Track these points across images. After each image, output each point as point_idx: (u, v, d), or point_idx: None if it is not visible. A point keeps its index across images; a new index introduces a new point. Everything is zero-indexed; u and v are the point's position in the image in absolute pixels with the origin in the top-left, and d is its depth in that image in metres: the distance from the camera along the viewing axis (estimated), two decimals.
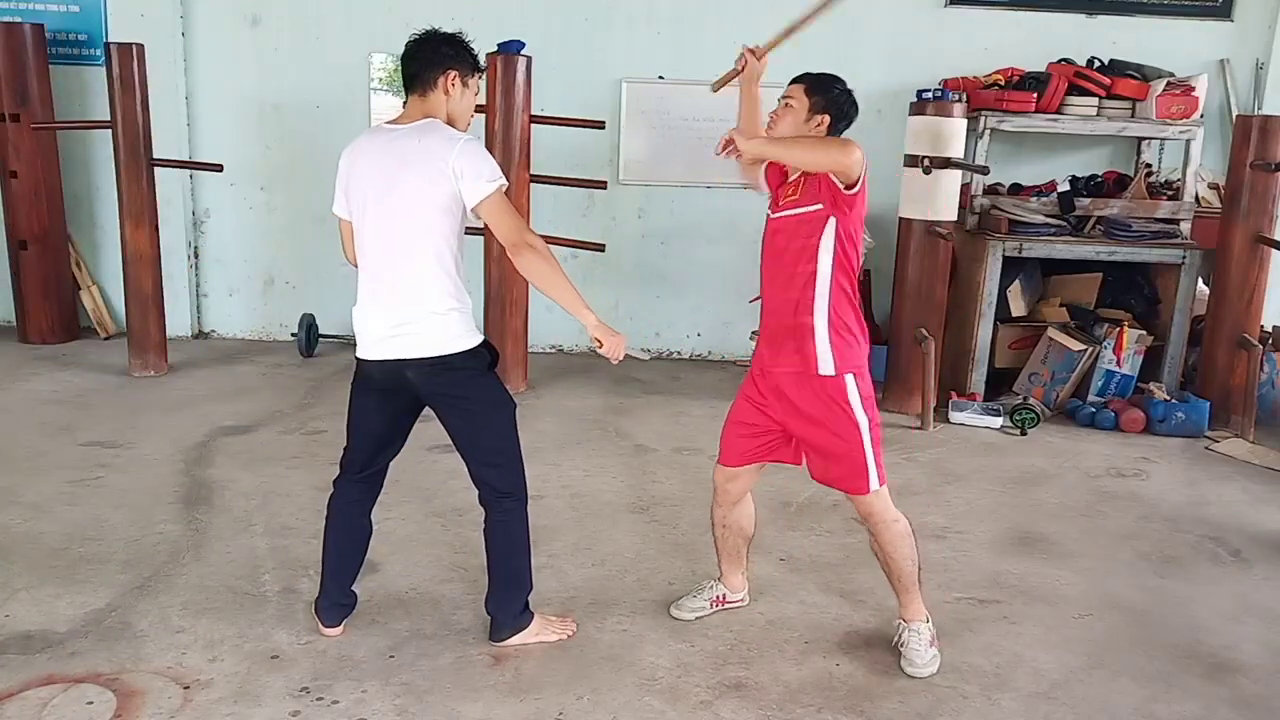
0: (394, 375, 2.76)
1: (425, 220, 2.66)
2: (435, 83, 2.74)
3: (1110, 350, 5.63)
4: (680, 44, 6.34)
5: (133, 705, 2.61)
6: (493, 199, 2.65)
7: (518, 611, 2.97)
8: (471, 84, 2.82)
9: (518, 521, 2.91)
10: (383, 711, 2.63)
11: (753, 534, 3.23)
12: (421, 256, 2.68)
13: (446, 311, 2.71)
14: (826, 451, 2.86)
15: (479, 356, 2.78)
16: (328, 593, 2.99)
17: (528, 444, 4.76)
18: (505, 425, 2.85)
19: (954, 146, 5.27)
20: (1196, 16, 6.37)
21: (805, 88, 2.87)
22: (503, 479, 2.86)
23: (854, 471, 2.84)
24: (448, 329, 2.72)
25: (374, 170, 2.70)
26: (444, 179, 2.62)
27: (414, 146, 2.65)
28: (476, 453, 2.85)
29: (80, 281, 6.64)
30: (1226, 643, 3.18)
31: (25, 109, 6.09)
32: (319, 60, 6.34)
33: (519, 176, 5.44)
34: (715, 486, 3.13)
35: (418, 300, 2.70)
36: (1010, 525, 4.06)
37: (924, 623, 2.96)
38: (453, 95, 2.76)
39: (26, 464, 4.29)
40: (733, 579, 3.23)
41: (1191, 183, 5.80)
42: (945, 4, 6.33)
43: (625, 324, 6.76)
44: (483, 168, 2.64)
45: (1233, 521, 4.21)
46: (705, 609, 3.20)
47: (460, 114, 2.80)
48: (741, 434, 3.02)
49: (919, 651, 2.91)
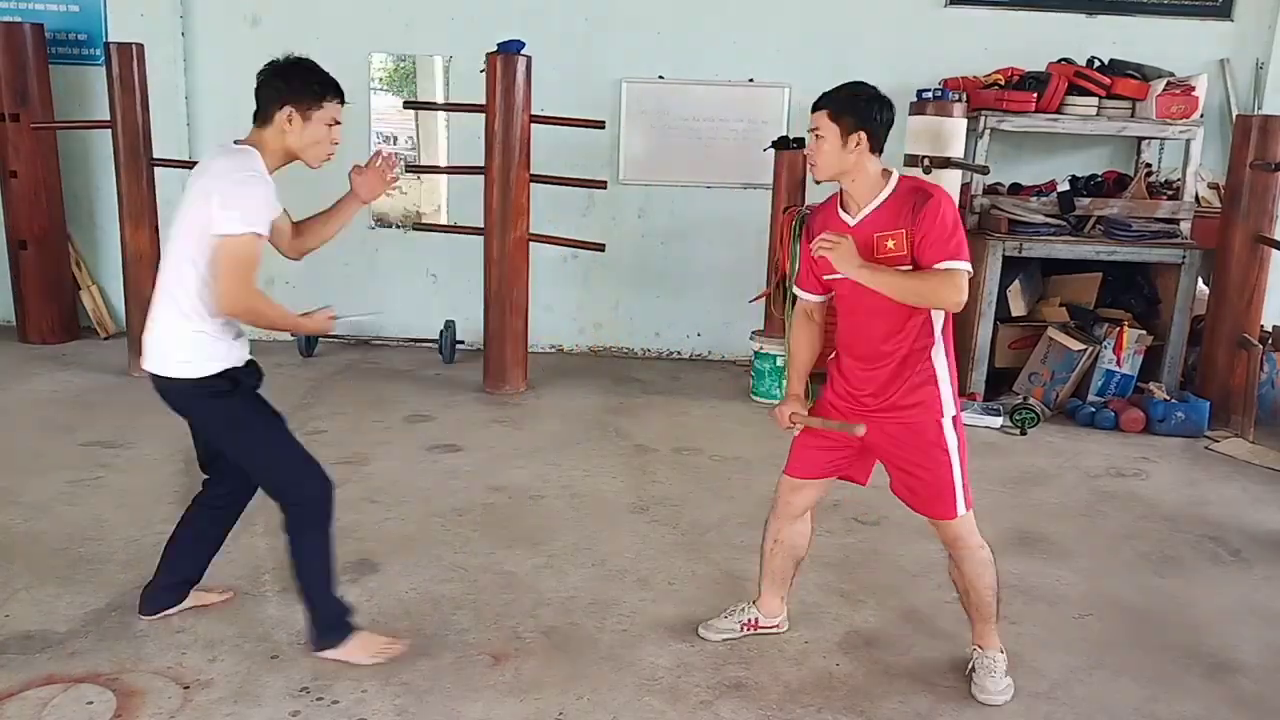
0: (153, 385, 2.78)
1: (183, 240, 2.62)
2: (271, 118, 2.65)
3: (1110, 350, 5.63)
4: (680, 44, 6.34)
5: (133, 705, 2.61)
6: (229, 243, 2.52)
7: (326, 624, 2.83)
8: (318, 116, 2.67)
9: (301, 529, 2.79)
10: (383, 711, 2.63)
11: (804, 558, 3.07)
12: (175, 275, 2.64)
13: (177, 332, 2.67)
14: (915, 478, 2.73)
15: (206, 386, 2.71)
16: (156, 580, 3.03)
17: (528, 444, 4.81)
18: (253, 443, 2.80)
19: (954, 146, 5.27)
20: (1196, 16, 6.37)
21: (829, 113, 2.62)
22: (276, 489, 2.80)
23: (941, 498, 2.71)
24: (176, 351, 2.68)
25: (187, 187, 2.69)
26: (202, 198, 2.55)
27: (205, 165, 2.64)
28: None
29: (80, 281, 6.64)
30: (1226, 643, 3.18)
31: (25, 109, 6.09)
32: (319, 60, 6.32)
33: (519, 176, 5.44)
34: (777, 497, 2.97)
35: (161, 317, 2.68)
36: (1010, 525, 4.06)
37: (999, 652, 2.84)
38: (291, 130, 2.65)
39: (26, 464, 4.29)
40: (771, 601, 3.07)
41: (1191, 182, 5.80)
42: (945, 4, 6.33)
43: (625, 324, 6.79)
44: (236, 207, 2.52)
45: (1233, 521, 4.21)
46: (735, 632, 3.06)
47: (304, 148, 2.69)
48: (815, 445, 2.84)
49: (995, 679, 2.80)
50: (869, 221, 2.63)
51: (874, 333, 2.67)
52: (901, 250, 2.57)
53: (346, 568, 3.42)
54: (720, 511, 4.07)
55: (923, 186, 2.63)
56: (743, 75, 6.35)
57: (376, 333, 6.73)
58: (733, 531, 3.87)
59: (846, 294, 2.70)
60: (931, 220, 2.53)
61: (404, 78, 6.66)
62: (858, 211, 2.66)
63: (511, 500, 4.10)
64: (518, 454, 4.66)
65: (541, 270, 6.13)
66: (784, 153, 5.85)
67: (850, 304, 2.72)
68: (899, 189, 2.62)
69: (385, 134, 6.62)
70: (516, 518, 3.93)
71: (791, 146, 5.82)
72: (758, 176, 6.30)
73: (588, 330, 6.82)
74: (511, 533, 3.77)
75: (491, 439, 4.87)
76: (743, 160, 6.39)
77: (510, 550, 3.62)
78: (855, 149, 2.60)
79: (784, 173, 5.82)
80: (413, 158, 6.75)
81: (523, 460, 4.58)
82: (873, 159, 2.63)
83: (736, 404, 5.70)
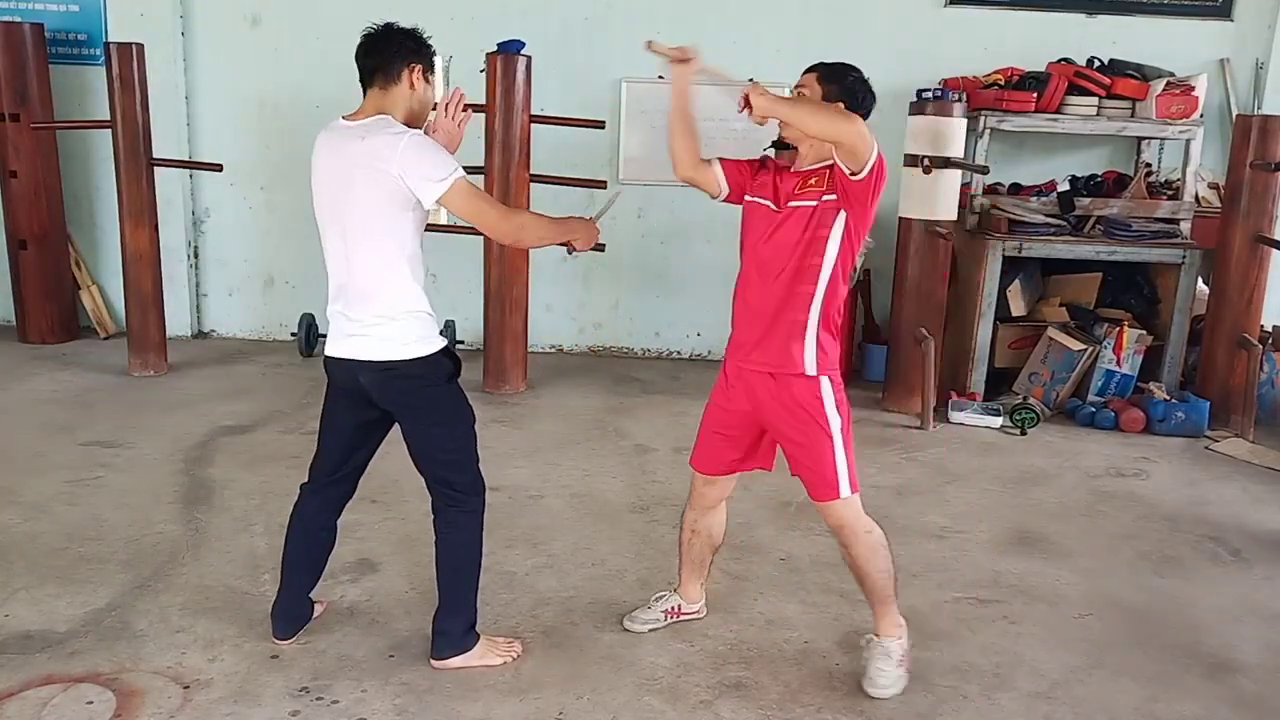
0: (350, 376, 2.70)
1: (374, 224, 2.59)
2: (399, 76, 2.65)
3: (1110, 350, 5.63)
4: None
5: (133, 705, 2.62)
6: (452, 195, 2.56)
7: (464, 630, 2.85)
8: (432, 80, 2.73)
9: (472, 527, 2.81)
10: (383, 711, 2.63)
11: (720, 544, 3.14)
12: (372, 259, 2.62)
13: (399, 316, 2.64)
14: (797, 448, 2.75)
15: (435, 364, 2.69)
16: (281, 603, 2.93)
17: (528, 444, 4.81)
18: (460, 439, 2.77)
19: (954, 146, 5.27)
20: (1196, 16, 6.36)
21: (818, 76, 2.79)
22: (460, 481, 2.78)
23: (822, 478, 2.72)
24: (399, 334, 2.64)
25: (327, 172, 2.65)
26: (389, 179, 2.53)
27: (360, 148, 2.57)
28: (429, 464, 2.77)
29: (80, 281, 6.64)
30: (1226, 643, 3.18)
31: (25, 109, 6.08)
32: (319, 60, 6.34)
33: (519, 176, 5.44)
34: (692, 489, 3.03)
35: (369, 303, 2.64)
36: (1010, 525, 4.06)
37: (896, 640, 2.81)
38: (416, 90, 2.68)
39: (26, 464, 4.29)
40: (691, 589, 3.14)
41: (1191, 182, 5.80)
42: (945, 4, 6.33)
43: (625, 324, 6.79)
44: (427, 166, 2.54)
45: (1233, 521, 4.21)
46: (660, 621, 3.10)
47: (421, 110, 2.73)
48: (717, 442, 2.90)
49: (884, 671, 2.78)
50: (808, 173, 2.78)
51: (767, 273, 2.75)
52: (820, 186, 2.69)
53: (347, 568, 3.43)
54: None
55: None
56: (743, 75, 6.30)
57: None
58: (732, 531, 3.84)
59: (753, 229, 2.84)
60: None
61: None
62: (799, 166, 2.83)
63: (511, 500, 4.10)
64: (517, 454, 4.66)
65: (541, 270, 6.13)
66: (784, 153, 5.85)
67: (751, 246, 2.84)
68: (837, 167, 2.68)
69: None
70: (516, 518, 3.93)
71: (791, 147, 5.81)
72: None
73: (587, 330, 6.81)
74: (511, 533, 3.77)
75: (491, 439, 4.84)
76: None
77: (510, 550, 3.62)
78: None
79: None
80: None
81: (522, 460, 4.58)
82: None
83: None
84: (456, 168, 2.58)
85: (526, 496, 4.16)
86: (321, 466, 2.89)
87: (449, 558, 2.81)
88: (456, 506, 2.78)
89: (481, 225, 2.66)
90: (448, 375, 2.73)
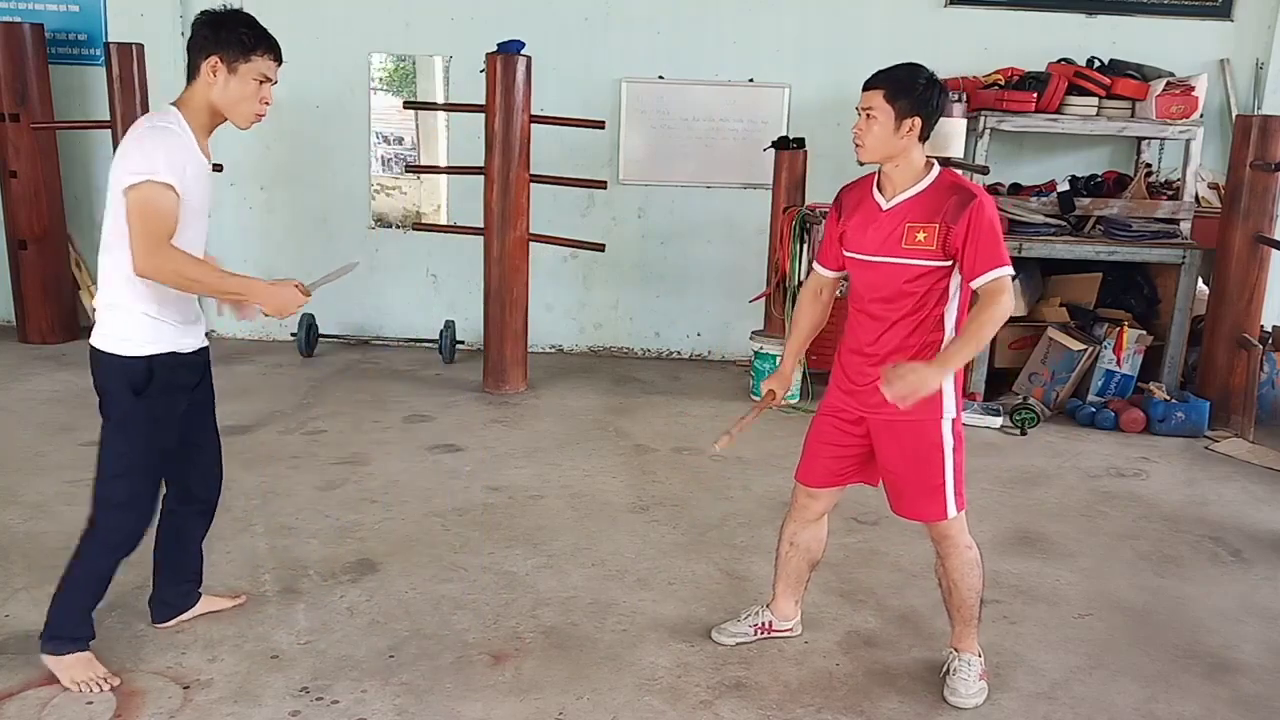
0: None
1: (114, 212, 2.51)
2: (198, 69, 2.53)
3: (1110, 350, 5.63)
4: (680, 44, 6.34)
5: (133, 705, 2.62)
6: (131, 195, 2.39)
7: (61, 632, 2.68)
8: (245, 69, 2.54)
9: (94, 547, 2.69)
10: (383, 711, 2.63)
11: (819, 560, 3.04)
12: (110, 247, 2.58)
13: (110, 306, 2.61)
14: (905, 480, 2.69)
15: (124, 368, 2.63)
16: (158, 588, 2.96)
17: (528, 444, 4.81)
18: (118, 445, 2.72)
19: (954, 146, 5.27)
20: (1196, 16, 6.36)
21: (884, 93, 2.52)
22: (97, 488, 2.71)
23: (932, 499, 2.67)
24: (109, 325, 2.63)
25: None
26: (117, 167, 2.46)
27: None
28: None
29: (80, 281, 6.64)
30: (1226, 643, 3.18)
31: (25, 109, 6.09)
32: (319, 60, 6.34)
33: (519, 176, 5.44)
34: (794, 501, 2.94)
35: (101, 288, 2.64)
36: (1010, 525, 4.06)
37: (976, 656, 2.81)
38: (216, 83, 2.52)
39: (26, 464, 4.29)
40: (785, 605, 3.04)
41: (1191, 182, 5.80)
42: (945, 4, 6.33)
43: (625, 324, 6.79)
44: (132, 159, 2.41)
45: (1233, 521, 4.21)
46: (748, 635, 3.02)
47: (230, 105, 2.56)
48: (826, 454, 2.81)
49: (967, 682, 2.77)
50: (903, 208, 2.57)
51: (882, 326, 2.62)
52: (931, 245, 2.52)
53: (347, 568, 3.43)
54: (720, 511, 4.07)
55: (964, 185, 2.57)
56: (743, 75, 6.35)
57: (376, 333, 6.74)
58: (732, 531, 3.87)
59: (859, 277, 2.68)
60: (977, 225, 2.47)
61: (404, 78, 6.66)
62: (893, 196, 2.60)
63: (511, 500, 4.10)
64: (517, 454, 4.66)
65: (541, 270, 6.13)
66: (784, 153, 5.85)
67: (860, 290, 2.68)
68: (939, 182, 2.58)
69: (386, 134, 6.62)
70: (516, 518, 3.93)
71: (791, 146, 5.82)
72: (758, 177, 6.30)
73: (587, 330, 6.82)
74: (511, 533, 3.78)
75: (491, 439, 4.87)
76: (743, 160, 6.39)
77: (510, 550, 3.62)
78: (907, 134, 2.53)
79: (784, 173, 5.82)
80: (413, 158, 6.75)
81: (522, 460, 4.58)
82: (919, 147, 2.58)
83: (736, 404, 5.69)
84: (156, 173, 2.40)
85: (526, 496, 4.16)
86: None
87: (71, 560, 2.71)
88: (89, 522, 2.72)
89: (130, 243, 2.48)
90: (131, 382, 2.69)
